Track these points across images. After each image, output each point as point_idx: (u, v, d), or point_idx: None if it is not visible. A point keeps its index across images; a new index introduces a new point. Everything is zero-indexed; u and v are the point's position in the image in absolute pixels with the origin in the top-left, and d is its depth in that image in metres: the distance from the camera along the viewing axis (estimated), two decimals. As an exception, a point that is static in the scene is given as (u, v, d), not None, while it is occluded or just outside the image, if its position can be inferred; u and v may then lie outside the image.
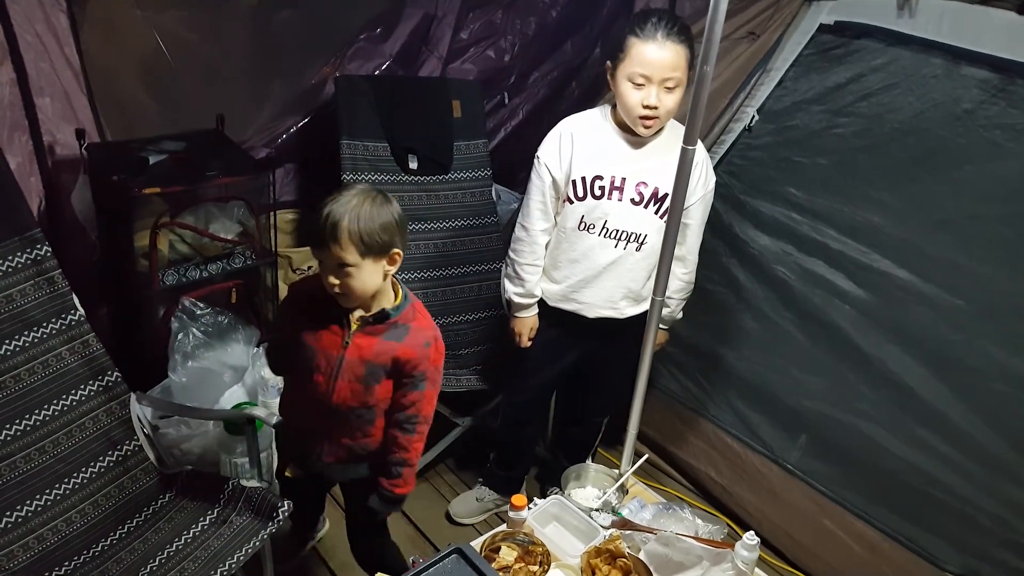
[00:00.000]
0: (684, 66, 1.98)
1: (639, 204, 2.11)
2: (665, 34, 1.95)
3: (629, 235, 2.14)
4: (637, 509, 2.00)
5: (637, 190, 2.11)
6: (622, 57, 2.01)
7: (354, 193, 1.67)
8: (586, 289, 2.23)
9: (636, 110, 2.01)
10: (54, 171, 2.44)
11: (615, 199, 2.11)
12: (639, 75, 1.97)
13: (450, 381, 2.51)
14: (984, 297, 2.12)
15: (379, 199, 1.69)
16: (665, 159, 2.05)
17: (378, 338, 1.76)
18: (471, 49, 3.28)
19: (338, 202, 1.65)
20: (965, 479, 2.16)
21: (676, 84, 1.99)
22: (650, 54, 1.95)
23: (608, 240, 2.15)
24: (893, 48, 2.27)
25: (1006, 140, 2.07)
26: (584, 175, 2.11)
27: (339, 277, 1.67)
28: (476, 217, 3.07)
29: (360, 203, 1.65)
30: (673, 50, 1.95)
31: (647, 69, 1.96)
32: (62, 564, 1.81)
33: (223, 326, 2.56)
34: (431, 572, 1.61)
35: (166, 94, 2.66)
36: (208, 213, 2.57)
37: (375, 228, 1.65)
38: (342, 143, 2.82)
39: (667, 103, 2.00)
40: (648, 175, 2.10)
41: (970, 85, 2.13)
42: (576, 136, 2.14)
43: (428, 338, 1.79)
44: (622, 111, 2.07)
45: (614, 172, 2.10)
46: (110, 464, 2.00)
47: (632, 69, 1.98)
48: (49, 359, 1.96)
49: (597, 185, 2.11)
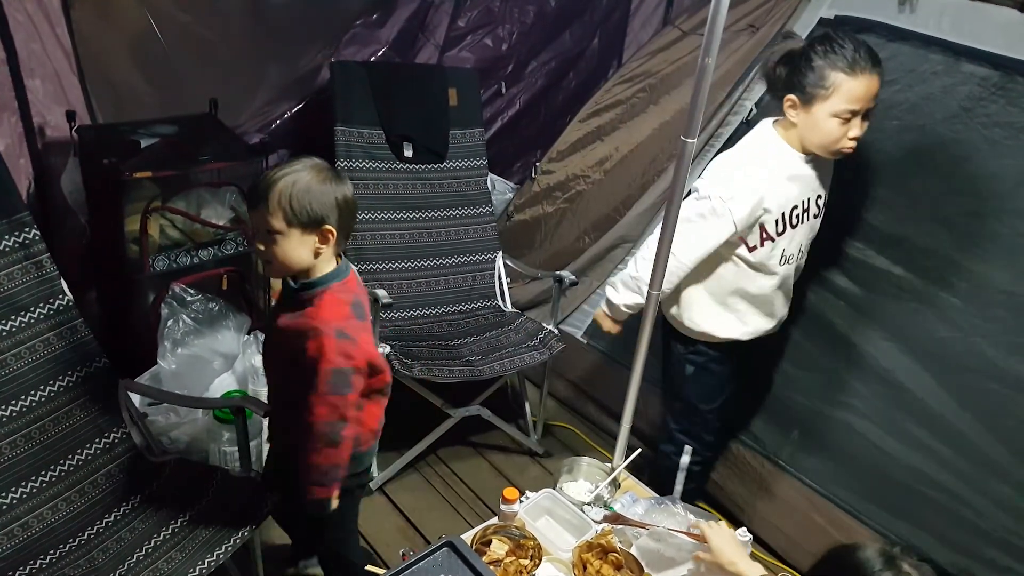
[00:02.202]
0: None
1: (818, 217, 2.10)
2: (871, 63, 1.84)
3: (802, 250, 2.13)
4: (629, 503, 2.00)
5: (817, 203, 2.07)
6: (824, 94, 1.86)
7: (304, 164, 1.62)
8: (758, 316, 2.17)
9: (839, 144, 1.91)
10: (44, 153, 2.42)
11: (808, 221, 2.07)
12: (849, 111, 1.86)
13: (442, 372, 2.49)
14: (980, 295, 2.11)
15: (327, 174, 1.63)
16: (827, 167, 2.06)
17: (288, 318, 1.68)
18: (468, 37, 3.26)
19: (282, 169, 1.61)
20: (957, 477, 2.16)
21: (871, 110, 1.90)
22: (862, 89, 1.84)
23: (790, 266, 2.11)
24: (893, 44, 2.26)
25: (1005, 138, 2.06)
26: (784, 210, 2.01)
27: (264, 243, 1.62)
28: (471, 207, 3.05)
29: (302, 173, 1.60)
30: (875, 80, 1.85)
31: (858, 104, 1.85)
32: (47, 553, 1.79)
33: (214, 313, 2.54)
34: (422, 565, 1.60)
35: (159, 77, 2.63)
36: (200, 198, 2.54)
37: (308, 199, 1.58)
38: (337, 129, 2.80)
39: (864, 129, 1.92)
40: (820, 187, 2.06)
41: (970, 82, 2.12)
42: (767, 174, 2.00)
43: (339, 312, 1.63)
44: (816, 143, 1.94)
45: (804, 196, 2.03)
46: (97, 452, 1.98)
47: (841, 106, 1.85)
48: (36, 344, 1.93)
49: (795, 215, 2.03)
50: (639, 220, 2.85)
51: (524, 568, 1.74)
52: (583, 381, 3.12)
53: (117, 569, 1.73)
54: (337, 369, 1.59)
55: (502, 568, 1.74)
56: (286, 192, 1.57)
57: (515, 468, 2.86)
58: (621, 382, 2.12)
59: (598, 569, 1.76)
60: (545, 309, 3.02)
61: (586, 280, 3.01)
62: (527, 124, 3.62)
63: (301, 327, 1.63)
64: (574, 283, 2.77)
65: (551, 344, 2.70)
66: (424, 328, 2.85)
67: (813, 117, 1.90)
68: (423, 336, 2.78)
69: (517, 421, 2.99)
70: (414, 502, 2.65)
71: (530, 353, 2.67)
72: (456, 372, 2.52)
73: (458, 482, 2.77)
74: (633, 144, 2.92)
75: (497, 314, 2.98)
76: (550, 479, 2.25)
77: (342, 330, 1.61)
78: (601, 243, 2.97)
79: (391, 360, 2.45)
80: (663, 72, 2.89)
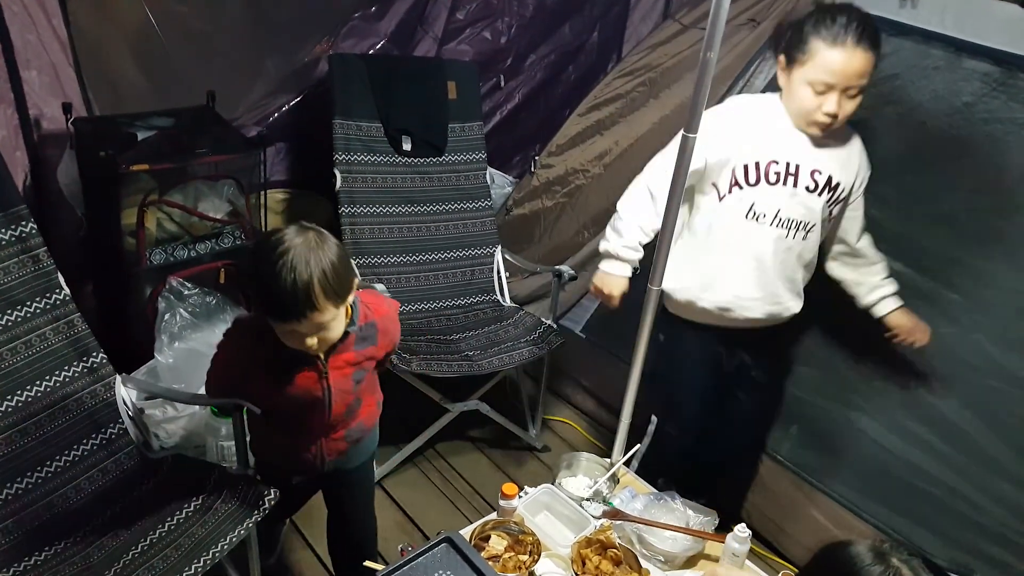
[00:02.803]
0: (870, 71, 1.80)
1: (813, 192, 1.96)
2: (856, 39, 1.76)
3: (799, 223, 1.98)
4: (628, 499, 1.99)
5: (812, 176, 1.94)
6: (803, 59, 1.82)
7: (297, 246, 1.48)
8: (744, 286, 2.05)
9: (813, 115, 1.86)
10: (40, 146, 2.40)
11: (789, 185, 1.95)
12: (822, 82, 1.81)
13: (441, 367, 2.49)
14: (980, 292, 2.11)
15: (321, 237, 1.53)
16: (839, 149, 1.96)
17: (352, 351, 1.70)
18: (467, 30, 3.25)
19: (290, 264, 1.47)
20: (956, 473, 2.16)
21: (859, 91, 1.82)
22: (838, 62, 1.77)
23: (779, 229, 1.98)
24: (894, 39, 2.25)
25: (1006, 134, 2.06)
26: (758, 160, 1.94)
27: (318, 336, 1.56)
28: (470, 200, 3.04)
29: (313, 254, 1.49)
30: (862, 58, 1.77)
31: (833, 77, 1.79)
32: (42, 550, 1.77)
33: (211, 307, 2.52)
34: (421, 561, 1.60)
35: (155, 68, 2.62)
36: (197, 191, 2.53)
37: (342, 273, 1.53)
38: (335, 122, 2.78)
39: (847, 109, 1.84)
40: (822, 163, 1.94)
41: (971, 78, 2.11)
42: (747, 117, 1.97)
43: (392, 319, 1.81)
44: (791, 109, 1.91)
45: (789, 157, 1.94)
46: (94, 447, 1.96)
47: (815, 75, 1.81)
48: (33, 339, 1.91)
49: (772, 170, 1.94)
50: (638, 215, 2.84)
51: (523, 564, 1.73)
52: (582, 376, 3.11)
53: (112, 567, 1.71)
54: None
55: (501, 564, 1.73)
56: (327, 283, 1.49)
57: (514, 463, 2.86)
58: (620, 377, 2.12)
59: (597, 565, 1.76)
60: (544, 304, 3.02)
61: (585, 275, 2.99)
62: (526, 118, 3.61)
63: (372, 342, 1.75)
64: (573, 278, 2.76)
65: (550, 339, 2.70)
66: (422, 322, 2.85)
67: (791, 82, 1.88)
68: (421, 330, 2.77)
69: (516, 416, 2.98)
70: (412, 497, 2.65)
71: (529, 348, 2.66)
72: (455, 367, 2.51)
73: (456, 477, 2.76)
74: (633, 138, 2.90)
75: (496, 309, 2.97)
76: (549, 474, 2.24)
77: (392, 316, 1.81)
78: (600, 238, 2.96)
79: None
80: (663, 66, 2.88)
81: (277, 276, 1.46)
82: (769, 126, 1.96)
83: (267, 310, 1.54)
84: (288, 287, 1.46)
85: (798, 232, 1.99)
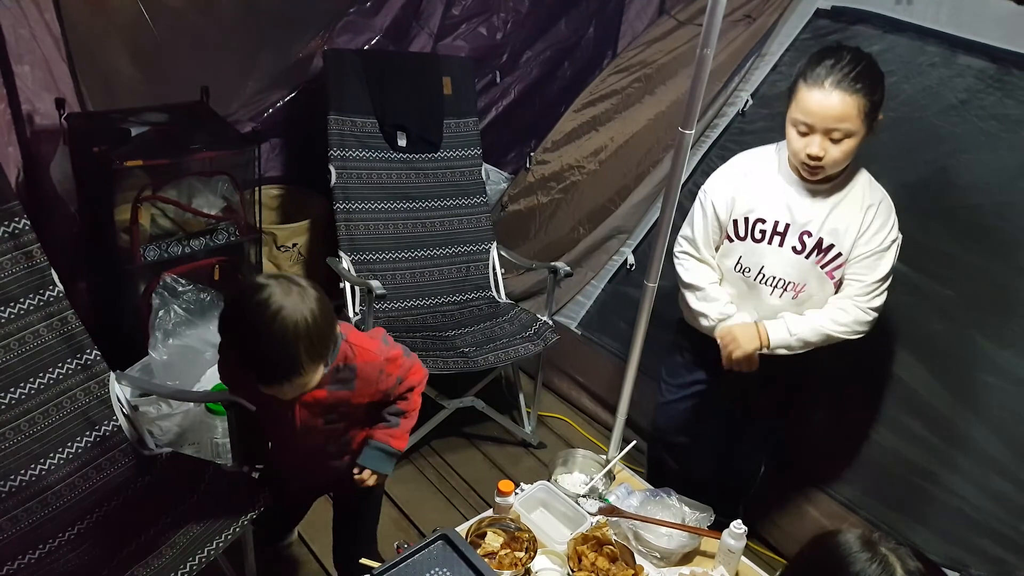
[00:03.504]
0: (855, 116, 1.75)
1: (800, 253, 1.93)
2: (835, 81, 1.74)
3: (787, 283, 1.97)
4: (624, 496, 1.99)
5: (800, 238, 1.92)
6: (790, 100, 1.84)
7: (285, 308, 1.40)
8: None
9: (798, 156, 1.85)
10: (33, 141, 2.39)
11: (775, 245, 1.95)
12: (801, 122, 1.80)
13: (437, 363, 2.48)
14: (975, 288, 2.11)
15: (305, 295, 1.44)
16: (837, 209, 1.90)
17: (324, 389, 1.63)
18: (463, 25, 3.24)
19: (278, 330, 1.39)
20: (951, 469, 2.16)
21: (844, 135, 1.78)
22: (812, 103, 1.76)
23: (764, 286, 1.99)
24: (890, 35, 2.25)
25: (1001, 130, 2.06)
26: (747, 216, 1.97)
27: (299, 391, 1.54)
28: (465, 197, 3.03)
29: (298, 312, 1.40)
30: (840, 99, 1.74)
31: (809, 118, 1.78)
32: (36, 547, 1.76)
33: (205, 303, 2.52)
34: (417, 558, 1.60)
35: (149, 64, 2.60)
36: (191, 187, 2.52)
37: (326, 331, 1.48)
38: (330, 118, 2.77)
39: (833, 153, 1.80)
40: (814, 223, 1.91)
41: (966, 74, 2.11)
42: (747, 174, 1.99)
43: (378, 367, 1.67)
44: (789, 154, 1.91)
45: (778, 216, 1.94)
46: (88, 445, 1.95)
47: (795, 115, 1.81)
48: (26, 336, 1.90)
49: (758, 228, 1.96)
50: (634, 211, 2.85)
51: (519, 560, 1.74)
52: (578, 372, 3.11)
53: (107, 565, 1.70)
54: (404, 365, 1.72)
55: (497, 560, 1.73)
56: (311, 349, 1.44)
57: (510, 460, 2.86)
58: (616, 374, 2.12)
59: (593, 561, 1.76)
60: (540, 300, 3.02)
61: (580, 271, 3.00)
62: (522, 114, 3.61)
63: (348, 386, 1.65)
64: (569, 274, 2.76)
65: (545, 335, 2.70)
66: (418, 319, 2.84)
67: (786, 124, 1.88)
68: (417, 327, 2.76)
69: (511, 412, 2.99)
70: (408, 494, 2.64)
71: (524, 344, 2.66)
72: (451, 363, 2.51)
73: (452, 474, 2.76)
74: (628, 134, 2.90)
75: (491, 305, 2.97)
76: (545, 471, 2.24)
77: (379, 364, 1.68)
78: (596, 234, 2.96)
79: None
80: (658, 62, 2.88)
81: (262, 341, 1.41)
82: (765, 183, 1.96)
83: (250, 373, 1.48)
84: (275, 356, 1.42)
85: (786, 291, 1.97)
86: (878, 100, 1.79)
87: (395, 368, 1.70)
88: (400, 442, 1.77)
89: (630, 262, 2.89)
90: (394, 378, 1.70)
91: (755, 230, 1.96)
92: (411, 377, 1.75)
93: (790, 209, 1.92)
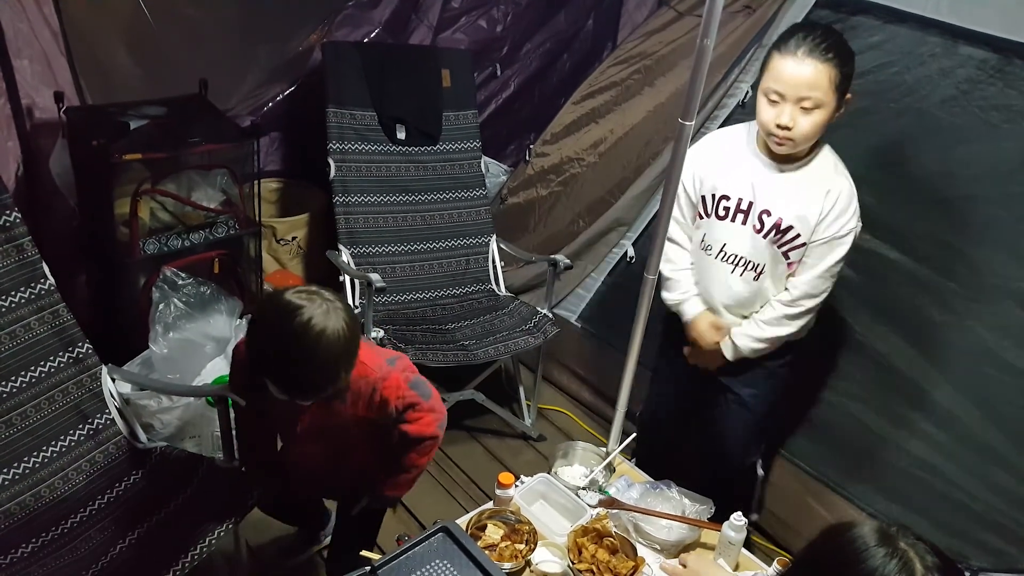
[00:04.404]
0: (827, 86, 1.77)
1: (759, 232, 1.94)
2: (807, 50, 1.76)
3: (747, 262, 1.98)
4: (624, 488, 1.99)
5: (759, 217, 1.94)
6: (762, 71, 1.86)
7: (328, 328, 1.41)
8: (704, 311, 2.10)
9: (767, 127, 1.85)
10: (32, 135, 2.38)
11: (738, 222, 1.97)
12: (772, 91, 1.81)
13: (437, 356, 2.48)
14: (977, 280, 2.10)
15: (333, 305, 1.44)
16: (800, 191, 1.90)
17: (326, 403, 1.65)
18: (463, 18, 3.23)
19: (322, 350, 1.40)
20: (952, 461, 2.16)
21: (815, 105, 1.78)
22: (785, 69, 1.78)
23: (725, 264, 2.01)
24: (890, 25, 2.24)
25: (1002, 121, 2.05)
26: (714, 193, 1.99)
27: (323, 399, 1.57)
28: (464, 189, 3.03)
29: (337, 331, 1.41)
30: (813, 67, 1.76)
31: (780, 85, 1.79)
32: (29, 541, 1.76)
33: (205, 297, 2.52)
34: (417, 551, 1.59)
35: (148, 57, 2.60)
36: (191, 181, 2.52)
37: (354, 348, 1.50)
38: (328, 111, 2.77)
39: (803, 125, 1.80)
40: (775, 204, 1.92)
41: (967, 64, 2.10)
42: (716, 151, 2.01)
43: (371, 383, 1.63)
44: (758, 126, 1.91)
45: (741, 194, 1.95)
46: (81, 438, 1.95)
47: (767, 84, 1.83)
48: (17, 329, 1.89)
49: (722, 205, 1.98)
50: (634, 203, 2.84)
51: (519, 553, 1.74)
52: (578, 365, 3.11)
53: (100, 560, 1.70)
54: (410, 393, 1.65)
55: (497, 553, 1.73)
56: (346, 359, 1.46)
57: (510, 452, 2.86)
58: (616, 366, 2.12)
59: (593, 553, 1.76)
60: (539, 293, 3.01)
61: (580, 264, 3.00)
62: (521, 106, 3.60)
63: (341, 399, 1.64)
64: (568, 267, 2.76)
65: (545, 328, 2.69)
66: (418, 312, 2.84)
67: (757, 97, 1.90)
68: (417, 320, 2.76)
69: (511, 405, 2.99)
70: (408, 486, 2.64)
71: (524, 337, 2.66)
72: (450, 356, 2.51)
73: (452, 466, 2.76)
74: (628, 126, 2.90)
75: (491, 298, 2.97)
76: (545, 463, 2.24)
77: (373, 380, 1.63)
78: (596, 227, 2.96)
79: (384, 344, 2.44)
80: (658, 53, 2.86)
81: (308, 365, 1.43)
82: (732, 161, 1.98)
83: (289, 392, 1.49)
84: (320, 377, 1.43)
85: (746, 270, 1.99)
86: (848, 73, 1.81)
87: (392, 392, 1.64)
88: (399, 491, 1.83)
89: (630, 255, 2.88)
90: (390, 405, 1.64)
91: (719, 207, 1.99)
92: (416, 426, 1.68)
93: (753, 188, 1.94)
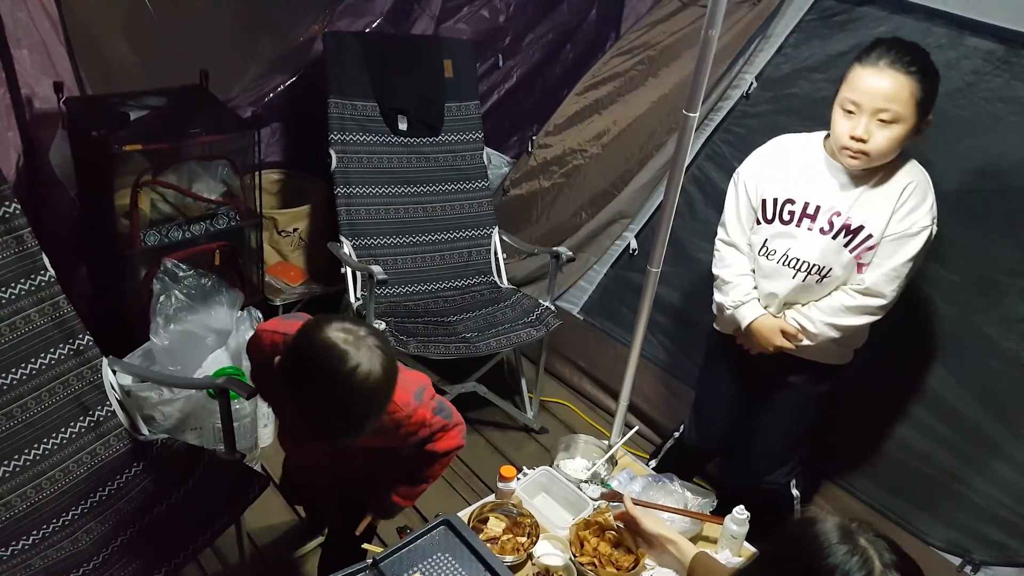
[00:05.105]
0: (906, 99, 1.71)
1: (827, 234, 1.89)
2: (889, 61, 1.72)
3: (811, 266, 1.92)
4: (626, 481, 1.99)
5: (829, 220, 1.88)
6: (841, 83, 1.81)
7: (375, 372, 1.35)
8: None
9: (841, 139, 1.79)
10: (32, 125, 2.37)
11: (804, 227, 1.91)
12: (849, 100, 1.76)
13: (439, 349, 2.48)
14: (980, 272, 2.09)
15: (373, 342, 1.38)
16: (872, 193, 1.85)
17: None
18: (465, 8, 3.21)
19: (362, 393, 1.35)
20: (955, 455, 2.16)
21: (893, 118, 1.73)
22: (864, 80, 1.74)
23: (787, 268, 1.95)
24: (896, 16, 2.22)
25: (1008, 113, 2.03)
26: (776, 197, 1.94)
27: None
28: (466, 181, 3.01)
29: (379, 372, 1.35)
30: (893, 79, 1.71)
31: (857, 95, 1.75)
32: (30, 533, 1.76)
33: (206, 288, 2.51)
34: (420, 543, 1.59)
35: (148, 47, 2.59)
36: (191, 172, 2.51)
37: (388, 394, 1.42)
38: (330, 102, 2.76)
39: (878, 139, 1.75)
40: (845, 204, 1.86)
41: (974, 56, 2.08)
42: (779, 155, 1.97)
43: (396, 422, 1.57)
44: (832, 139, 1.86)
45: (808, 198, 1.90)
46: (82, 430, 1.94)
47: (844, 94, 1.78)
48: (17, 321, 1.88)
49: (787, 210, 1.93)
50: (637, 195, 2.83)
51: (521, 545, 1.73)
52: (580, 358, 3.10)
53: (101, 552, 1.70)
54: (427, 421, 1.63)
55: (499, 545, 1.73)
56: (385, 398, 1.40)
57: (512, 445, 2.86)
58: (618, 359, 2.11)
59: (595, 546, 1.76)
60: (542, 285, 3.00)
61: (583, 256, 2.99)
62: (524, 97, 3.58)
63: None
64: (571, 259, 2.75)
65: (548, 320, 2.69)
66: (420, 304, 2.83)
67: (833, 110, 1.84)
68: (419, 312, 2.76)
69: (513, 398, 2.98)
70: (410, 478, 2.64)
71: (527, 330, 2.65)
72: (452, 349, 2.50)
73: (454, 459, 2.76)
74: (631, 118, 2.88)
75: (493, 290, 2.96)
76: (547, 456, 2.23)
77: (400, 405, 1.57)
78: (598, 219, 2.95)
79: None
80: (662, 44, 2.85)
81: (353, 410, 1.37)
82: (799, 165, 1.93)
83: (306, 420, 1.41)
84: (360, 418, 1.37)
85: (810, 275, 1.93)
86: (930, 90, 1.74)
87: (420, 428, 1.62)
88: (410, 502, 1.82)
89: (633, 247, 2.87)
90: (417, 438, 1.64)
91: (783, 212, 1.93)
92: (443, 443, 1.70)
93: (822, 191, 1.89)
